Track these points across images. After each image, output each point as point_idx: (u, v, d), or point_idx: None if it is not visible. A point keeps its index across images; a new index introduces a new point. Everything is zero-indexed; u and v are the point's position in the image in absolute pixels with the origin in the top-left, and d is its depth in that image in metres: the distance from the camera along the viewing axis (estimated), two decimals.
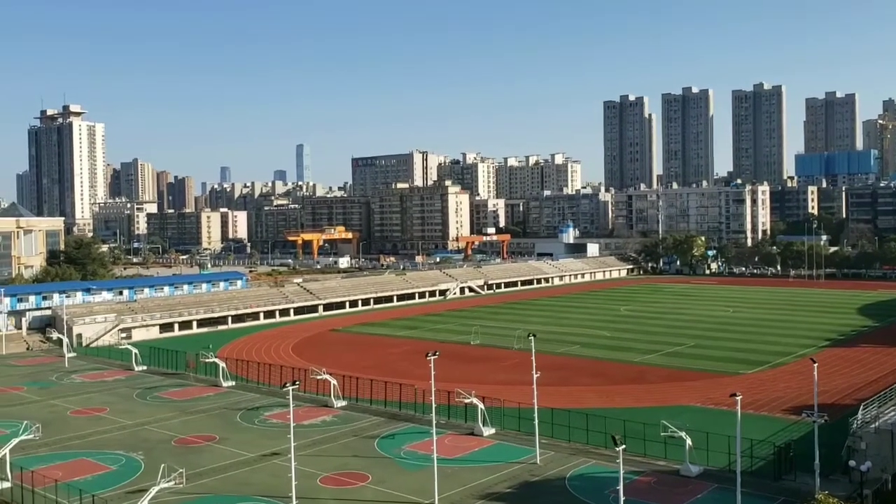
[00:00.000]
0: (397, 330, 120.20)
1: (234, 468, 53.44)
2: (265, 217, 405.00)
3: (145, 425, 65.80)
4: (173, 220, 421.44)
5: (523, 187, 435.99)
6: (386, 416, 66.39)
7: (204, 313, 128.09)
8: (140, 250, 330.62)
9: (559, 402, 64.59)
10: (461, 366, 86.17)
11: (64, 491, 46.67)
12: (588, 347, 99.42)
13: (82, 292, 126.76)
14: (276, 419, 65.70)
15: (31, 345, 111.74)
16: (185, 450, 58.05)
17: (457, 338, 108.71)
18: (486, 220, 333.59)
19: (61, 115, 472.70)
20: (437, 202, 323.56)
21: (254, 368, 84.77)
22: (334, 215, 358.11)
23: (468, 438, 58.95)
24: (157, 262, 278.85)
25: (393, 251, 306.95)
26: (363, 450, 56.98)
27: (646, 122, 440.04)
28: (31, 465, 52.17)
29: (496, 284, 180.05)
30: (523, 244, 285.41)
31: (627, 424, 56.04)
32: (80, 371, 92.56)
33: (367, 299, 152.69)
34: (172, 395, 78.02)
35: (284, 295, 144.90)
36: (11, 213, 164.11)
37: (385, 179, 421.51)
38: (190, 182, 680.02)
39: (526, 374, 58.58)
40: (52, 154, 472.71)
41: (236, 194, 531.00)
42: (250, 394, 76.97)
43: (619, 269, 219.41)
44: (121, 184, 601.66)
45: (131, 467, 54.01)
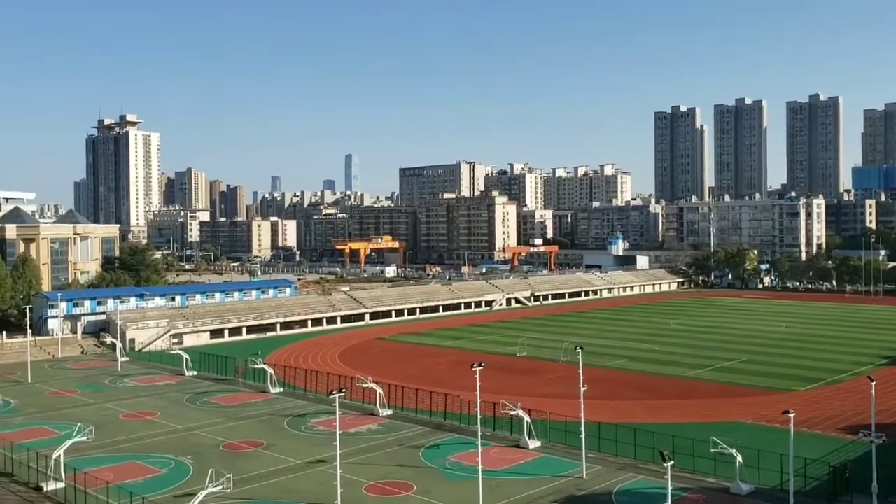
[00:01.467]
0: (443, 340, 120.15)
1: (281, 474, 53.86)
2: (314, 226, 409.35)
3: (195, 430, 66.77)
4: (225, 228, 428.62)
5: (571, 198, 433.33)
6: (431, 426, 66.29)
7: (253, 320, 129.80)
8: (192, 257, 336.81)
9: (606, 416, 63.76)
10: (507, 377, 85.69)
11: (115, 493, 47.53)
12: (636, 361, 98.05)
13: (136, 298, 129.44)
14: (322, 426, 66.10)
15: (85, 349, 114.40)
16: (232, 455, 58.72)
17: (503, 349, 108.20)
18: (534, 231, 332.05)
19: (118, 124, 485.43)
20: (484, 212, 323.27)
21: (301, 375, 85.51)
22: (381, 225, 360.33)
23: (514, 451, 58.50)
24: (208, 269, 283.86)
25: (439, 261, 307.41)
26: (408, 459, 56.94)
27: (697, 133, 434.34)
28: (84, 466, 53.30)
29: (543, 296, 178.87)
30: (571, 256, 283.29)
31: (676, 440, 55.07)
32: (132, 375, 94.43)
33: (412, 309, 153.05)
34: (221, 400, 79.07)
35: (332, 303, 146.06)
36: (69, 220, 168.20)
37: (432, 189, 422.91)
38: (242, 191, 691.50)
39: (573, 387, 57.96)
40: (109, 162, 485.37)
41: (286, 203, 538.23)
42: (297, 400, 77.61)
43: (668, 283, 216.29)
44: (175, 192, 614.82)
45: (180, 471, 54.81)
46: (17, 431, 65.31)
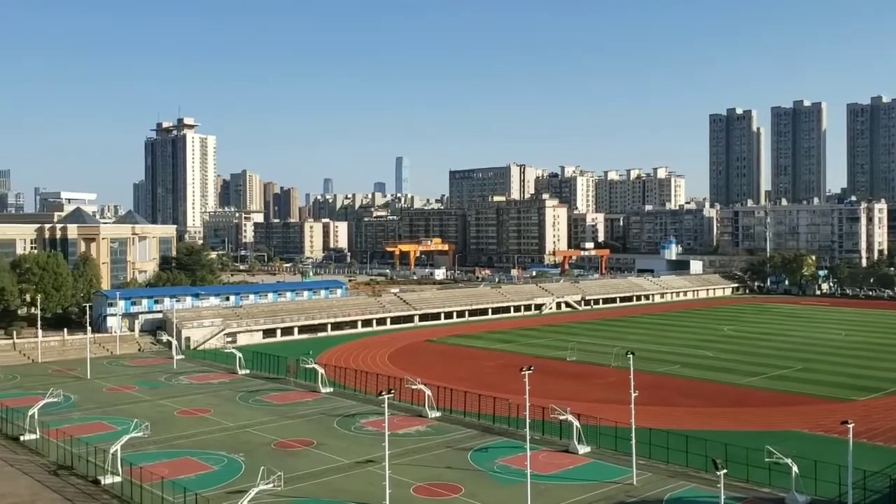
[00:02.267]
0: (492, 343, 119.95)
1: (330, 474, 54.39)
2: (364, 228, 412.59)
3: (247, 428, 67.84)
4: (278, 229, 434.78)
5: (624, 202, 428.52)
6: (479, 428, 66.23)
7: (305, 320, 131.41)
8: (246, 258, 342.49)
9: (657, 423, 62.89)
10: (556, 382, 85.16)
11: (169, 488, 48.57)
12: (689, 367, 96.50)
13: (191, 297, 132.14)
14: (371, 427, 66.57)
15: (142, 346, 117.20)
16: (283, 453, 59.51)
17: (552, 353, 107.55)
18: (585, 235, 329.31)
19: (176, 127, 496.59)
20: (534, 215, 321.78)
21: (351, 375, 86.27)
22: (431, 227, 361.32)
23: (563, 455, 58.10)
24: (262, 270, 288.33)
25: (488, 264, 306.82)
26: (456, 461, 56.98)
27: (754, 136, 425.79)
28: (140, 461, 54.59)
29: (594, 300, 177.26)
30: (623, 260, 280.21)
31: (729, 448, 54.12)
32: (187, 373, 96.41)
33: (461, 311, 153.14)
34: (273, 399, 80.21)
35: (382, 304, 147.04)
36: (128, 221, 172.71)
37: (482, 192, 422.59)
38: (294, 193, 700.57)
39: (623, 393, 57.28)
40: (167, 165, 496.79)
41: (338, 205, 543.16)
42: (347, 400, 78.30)
43: (723, 288, 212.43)
44: (230, 194, 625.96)
45: (232, 468, 55.75)
46: (76, 426, 67.19)
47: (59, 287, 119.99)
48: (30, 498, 49.67)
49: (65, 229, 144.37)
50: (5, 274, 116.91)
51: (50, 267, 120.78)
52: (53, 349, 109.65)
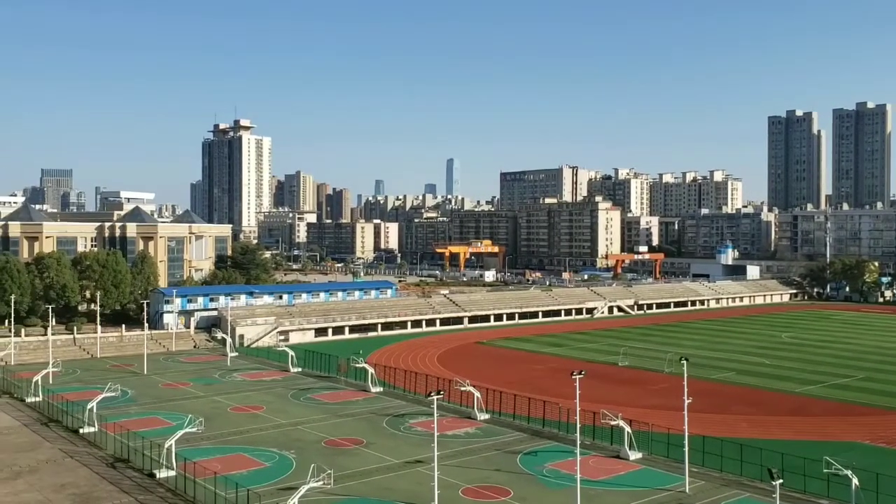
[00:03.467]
0: (542, 346, 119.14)
1: (380, 473, 54.58)
2: (415, 229, 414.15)
3: (298, 425, 68.54)
4: (330, 229, 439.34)
5: (679, 205, 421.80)
6: (529, 432, 65.78)
7: (356, 320, 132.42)
8: (299, 258, 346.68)
9: (711, 430, 61.71)
10: (608, 387, 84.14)
11: (222, 483, 49.31)
12: (744, 374, 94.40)
13: (246, 295, 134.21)
14: (420, 427, 66.65)
15: (197, 343, 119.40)
16: (333, 451, 59.95)
17: (604, 358, 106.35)
18: (638, 238, 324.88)
19: (232, 129, 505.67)
20: (587, 218, 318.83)
21: (400, 376, 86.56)
22: (481, 229, 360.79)
23: (613, 461, 57.34)
24: (314, 270, 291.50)
25: (539, 267, 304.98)
26: (505, 464, 56.67)
27: (814, 138, 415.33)
28: (194, 456, 55.53)
29: (647, 305, 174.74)
30: (677, 264, 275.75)
31: (785, 458, 52.78)
32: (240, 370, 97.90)
33: (511, 314, 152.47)
34: (324, 397, 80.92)
35: (431, 305, 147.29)
36: (185, 220, 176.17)
37: (533, 194, 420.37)
38: (347, 194, 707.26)
39: (676, 399, 56.31)
40: (223, 165, 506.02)
41: (389, 206, 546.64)
42: (397, 400, 78.56)
43: (780, 294, 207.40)
44: (284, 194, 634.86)
45: (284, 465, 56.35)
46: (133, 420, 68.75)
47: (117, 284, 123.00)
48: (88, 489, 50.93)
49: (124, 228, 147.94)
50: (67, 271, 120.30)
51: (109, 264, 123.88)
52: (112, 345, 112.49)
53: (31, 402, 76.81)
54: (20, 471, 54.77)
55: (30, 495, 49.61)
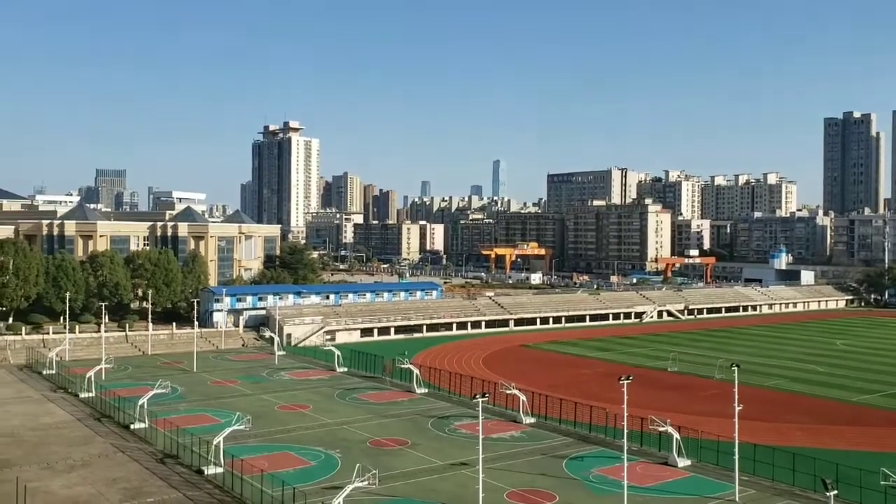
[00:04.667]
0: (589, 350, 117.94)
1: (424, 474, 54.47)
2: (461, 230, 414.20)
3: (344, 425, 68.87)
4: (377, 230, 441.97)
5: (731, 208, 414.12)
6: (575, 437, 65.06)
7: (401, 320, 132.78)
8: (346, 258, 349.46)
9: (763, 438, 60.32)
10: (656, 392, 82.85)
11: (268, 481, 49.69)
12: (797, 382, 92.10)
13: (293, 295, 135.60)
14: (465, 429, 66.39)
15: (246, 341, 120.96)
16: (378, 451, 60.05)
17: (652, 363, 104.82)
18: (689, 242, 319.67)
19: (282, 130, 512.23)
20: (636, 221, 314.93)
21: (445, 377, 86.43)
22: (528, 231, 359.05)
23: (661, 468, 56.33)
24: (360, 270, 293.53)
25: (587, 270, 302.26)
26: (551, 469, 56.09)
27: (872, 140, 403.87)
28: (241, 453, 56.12)
29: (697, 310, 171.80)
30: (729, 268, 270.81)
31: (840, 468, 51.32)
32: (287, 369, 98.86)
33: (558, 317, 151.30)
34: (369, 397, 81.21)
35: (477, 307, 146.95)
36: (235, 220, 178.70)
37: (581, 196, 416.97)
38: (393, 195, 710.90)
39: (726, 406, 55.09)
40: (273, 167, 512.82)
41: (434, 208, 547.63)
42: (441, 402, 78.44)
43: (836, 300, 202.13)
44: (331, 195, 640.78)
45: (329, 464, 56.62)
46: (182, 417, 69.84)
47: (169, 283, 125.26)
48: (138, 483, 51.81)
49: (175, 227, 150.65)
50: (120, 269, 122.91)
51: (161, 263, 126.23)
52: (162, 342, 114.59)
53: (85, 397, 78.59)
54: (74, 464, 56.01)
55: (83, 488, 50.66)
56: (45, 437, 63.83)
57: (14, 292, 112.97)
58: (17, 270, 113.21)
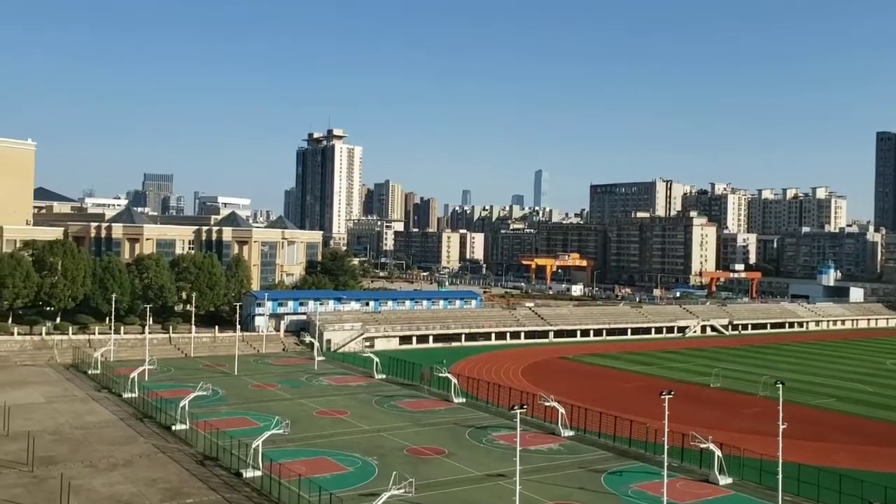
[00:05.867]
0: (630, 364, 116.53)
1: (461, 484, 54.18)
2: (501, 240, 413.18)
3: (381, 432, 68.92)
4: (417, 238, 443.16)
5: (778, 223, 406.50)
6: (614, 451, 64.20)
7: (440, 329, 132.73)
8: (386, 265, 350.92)
9: (808, 458, 58.85)
10: (698, 408, 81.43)
11: (306, 486, 49.87)
12: (845, 402, 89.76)
13: (334, 301, 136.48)
14: (503, 440, 65.95)
15: (286, 346, 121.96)
16: (415, 460, 59.93)
17: (695, 378, 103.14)
18: (734, 256, 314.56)
19: (325, 137, 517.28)
20: (680, 234, 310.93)
21: (483, 387, 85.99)
22: (569, 242, 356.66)
23: (702, 485, 55.27)
24: (400, 277, 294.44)
25: (629, 282, 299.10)
26: (589, 483, 55.39)
27: None
28: (280, 457, 56.42)
29: (742, 325, 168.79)
30: (775, 284, 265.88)
31: (889, 492, 49.85)
32: (326, 374, 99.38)
33: (599, 329, 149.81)
34: (407, 405, 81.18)
35: (516, 318, 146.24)
36: (278, 226, 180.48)
37: (624, 208, 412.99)
38: (434, 203, 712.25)
39: (770, 424, 53.86)
40: (316, 173, 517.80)
41: (475, 217, 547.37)
42: (479, 412, 78.06)
43: (886, 318, 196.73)
44: (373, 203, 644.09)
45: (366, 471, 56.65)
46: (222, 419, 70.52)
47: (212, 286, 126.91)
48: (178, 484, 52.39)
49: (220, 232, 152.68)
50: (165, 272, 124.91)
51: (205, 267, 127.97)
52: (205, 345, 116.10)
53: (128, 397, 79.90)
54: (116, 463, 56.90)
55: (124, 487, 51.40)
56: (88, 435, 65.00)
57: (62, 293, 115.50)
58: (66, 271, 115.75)
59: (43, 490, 50.05)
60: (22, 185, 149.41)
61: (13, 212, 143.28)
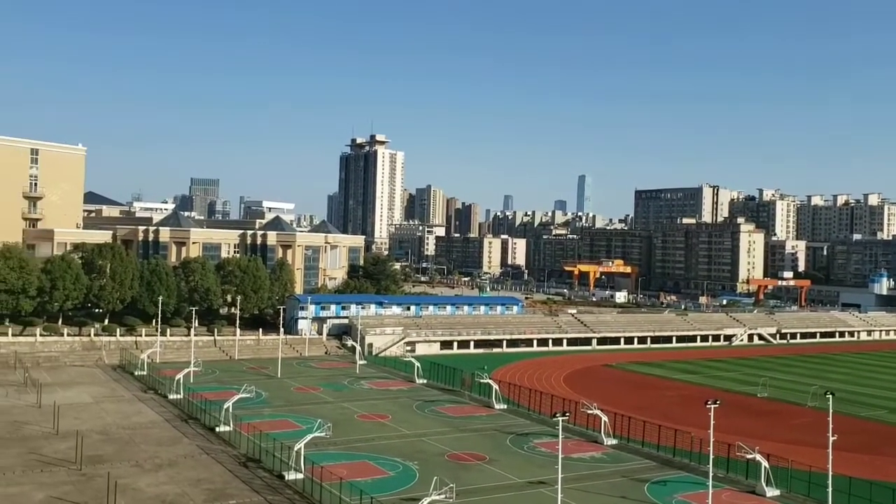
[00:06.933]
0: (674, 372, 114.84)
1: (501, 491, 53.80)
2: (543, 245, 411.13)
3: (422, 436, 68.82)
4: (458, 243, 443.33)
5: (828, 229, 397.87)
6: (658, 460, 63.18)
7: (481, 335, 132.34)
8: (427, 270, 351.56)
9: (859, 471, 57.31)
10: (744, 418, 79.84)
11: (347, 489, 49.96)
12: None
13: (375, 305, 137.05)
14: (544, 448, 65.38)
15: (328, 349, 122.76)
16: (456, 465, 59.69)
17: (741, 388, 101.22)
18: (783, 264, 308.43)
19: (368, 143, 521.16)
20: (727, 240, 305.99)
21: (525, 394, 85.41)
22: (613, 248, 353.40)
23: (748, 497, 54.07)
24: (441, 283, 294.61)
25: (674, 289, 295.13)
26: (632, 492, 54.57)
27: None
28: (321, 460, 56.62)
29: (790, 334, 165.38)
30: (825, 292, 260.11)
31: None
32: (368, 378, 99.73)
33: (643, 337, 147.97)
34: (448, 410, 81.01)
35: (558, 324, 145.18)
36: (321, 230, 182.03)
37: (670, 214, 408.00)
38: (475, 208, 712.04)
39: (819, 436, 52.60)
40: (359, 178, 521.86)
41: (517, 222, 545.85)
42: (521, 419, 77.54)
43: None
44: (414, 208, 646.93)
45: (407, 475, 56.57)
46: (265, 422, 71.04)
47: (257, 289, 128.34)
48: (222, 485, 52.90)
49: (265, 236, 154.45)
50: (210, 275, 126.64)
51: (250, 270, 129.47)
52: (249, 347, 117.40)
53: (173, 398, 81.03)
54: (161, 463, 57.68)
55: (169, 487, 52.06)
56: (134, 435, 66.05)
57: (110, 295, 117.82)
58: (114, 274, 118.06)
59: (91, 488, 50.94)
60: (72, 189, 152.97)
61: (64, 215, 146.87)
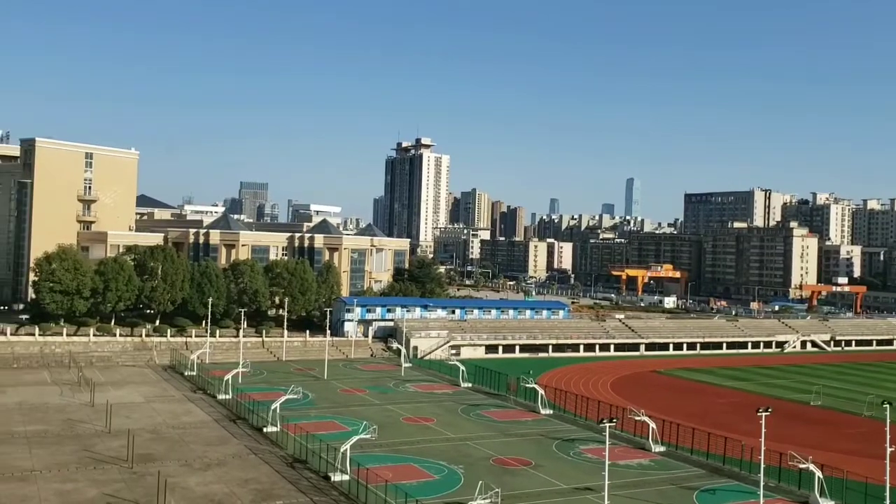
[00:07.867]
0: (724, 379, 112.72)
1: (547, 496, 53.31)
2: (590, 250, 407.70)
3: (467, 440, 68.61)
4: (503, 247, 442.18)
5: (885, 234, 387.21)
6: (707, 468, 61.99)
7: (526, 339, 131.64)
8: (472, 273, 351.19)
9: None
10: (796, 427, 77.98)
11: (392, 491, 50.01)
12: None
13: (420, 308, 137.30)
14: (591, 454, 64.65)
15: (374, 352, 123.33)
16: (501, 470, 59.35)
17: (793, 396, 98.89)
18: (838, 269, 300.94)
19: (414, 146, 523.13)
20: (780, 245, 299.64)
21: (571, 399, 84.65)
22: (662, 252, 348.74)
23: None
24: (486, 286, 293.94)
25: (724, 295, 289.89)
26: (680, 500, 53.61)
27: None
28: (367, 462, 56.83)
29: (845, 342, 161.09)
30: (882, 299, 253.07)
31: None
32: (413, 381, 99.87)
33: (692, 343, 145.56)
34: (493, 414, 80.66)
35: (605, 330, 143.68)
36: (367, 233, 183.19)
37: (720, 218, 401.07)
38: (521, 212, 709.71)
39: (876, 446, 51.11)
40: (404, 182, 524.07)
41: (563, 226, 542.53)
42: (567, 424, 76.85)
43: None
44: (460, 211, 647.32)
45: (452, 479, 56.41)
46: (312, 423, 71.60)
47: (304, 292, 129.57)
48: (269, 486, 53.41)
49: (312, 239, 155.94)
50: (259, 277, 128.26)
51: (297, 273, 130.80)
52: (296, 349, 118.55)
53: (222, 399, 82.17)
54: (210, 463, 58.47)
55: (217, 486, 52.73)
56: (184, 435, 67.10)
57: (161, 296, 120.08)
58: (165, 276, 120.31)
59: (141, 486, 51.85)
60: (125, 193, 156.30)
61: (117, 217, 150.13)
